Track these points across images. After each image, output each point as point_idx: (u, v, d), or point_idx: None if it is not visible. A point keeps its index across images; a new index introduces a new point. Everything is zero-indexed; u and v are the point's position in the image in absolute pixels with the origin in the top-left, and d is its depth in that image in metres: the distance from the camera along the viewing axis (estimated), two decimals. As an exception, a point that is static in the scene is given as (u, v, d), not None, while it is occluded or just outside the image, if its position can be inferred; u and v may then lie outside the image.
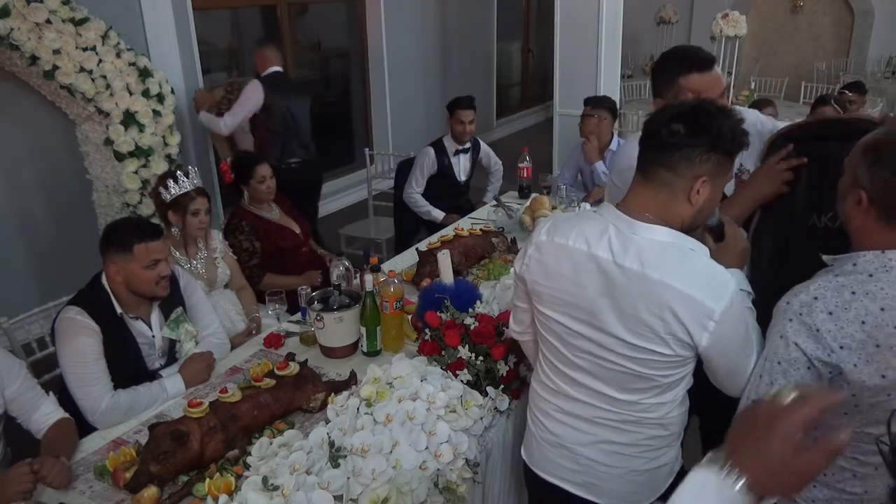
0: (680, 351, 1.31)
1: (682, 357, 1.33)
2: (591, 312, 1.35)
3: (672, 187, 1.29)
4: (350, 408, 1.69)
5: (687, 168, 1.27)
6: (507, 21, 8.78)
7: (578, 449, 1.50)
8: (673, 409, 1.44)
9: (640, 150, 1.35)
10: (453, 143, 3.95)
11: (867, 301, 1.15)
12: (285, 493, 1.44)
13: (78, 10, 3.35)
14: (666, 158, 1.28)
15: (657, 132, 1.29)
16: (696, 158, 1.26)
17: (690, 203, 1.30)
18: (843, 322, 1.15)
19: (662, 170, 1.29)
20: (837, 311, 1.16)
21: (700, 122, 1.26)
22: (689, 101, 1.32)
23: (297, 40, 6.03)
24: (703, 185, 1.28)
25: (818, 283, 1.21)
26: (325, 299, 2.19)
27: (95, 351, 1.93)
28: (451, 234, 2.91)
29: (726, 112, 1.29)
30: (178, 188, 2.51)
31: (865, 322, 1.15)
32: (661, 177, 1.30)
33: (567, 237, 1.38)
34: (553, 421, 1.53)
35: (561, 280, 1.38)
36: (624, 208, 1.35)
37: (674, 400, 1.43)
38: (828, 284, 1.19)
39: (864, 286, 1.16)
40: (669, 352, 1.31)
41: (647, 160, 1.32)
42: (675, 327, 1.27)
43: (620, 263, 1.30)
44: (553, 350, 1.49)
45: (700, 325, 1.26)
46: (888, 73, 7.90)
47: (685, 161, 1.27)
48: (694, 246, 1.32)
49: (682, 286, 1.25)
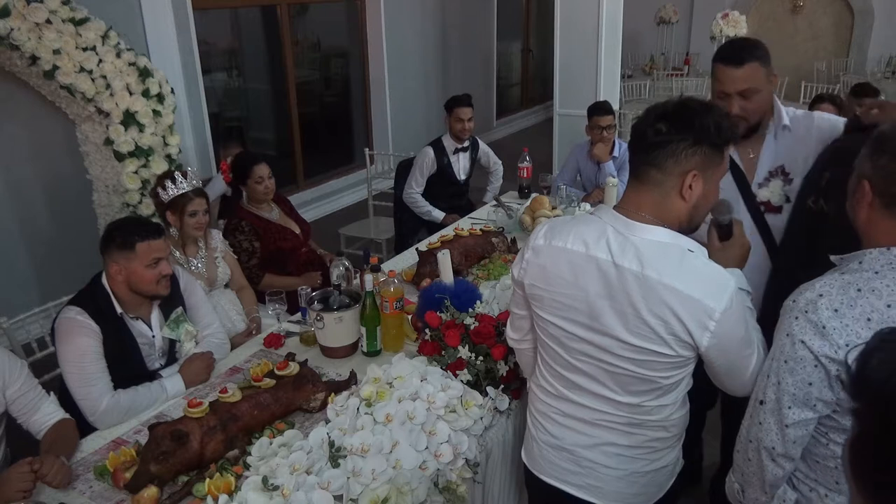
0: (681, 351, 1.31)
1: (684, 357, 1.33)
2: (591, 315, 1.35)
3: (663, 185, 1.30)
4: (350, 408, 1.69)
5: (674, 164, 1.28)
6: (507, 21, 8.78)
7: (580, 451, 1.50)
8: (675, 412, 1.44)
9: (630, 153, 1.37)
10: (452, 142, 3.95)
11: (873, 298, 1.15)
12: (285, 493, 1.44)
13: (78, 10, 3.34)
14: (653, 158, 1.29)
15: (643, 133, 1.30)
16: (681, 154, 1.27)
17: (684, 199, 1.31)
18: (848, 319, 1.15)
19: (652, 169, 1.30)
20: (843, 309, 1.16)
21: (682, 118, 1.27)
22: (672, 99, 1.33)
23: (297, 40, 6.03)
24: (694, 180, 1.29)
25: (824, 280, 1.21)
26: (325, 299, 2.18)
27: (95, 351, 1.93)
28: (451, 234, 2.91)
29: (709, 107, 1.30)
30: (175, 189, 2.51)
31: (871, 319, 1.14)
32: (652, 176, 1.31)
33: (565, 240, 1.38)
34: (554, 424, 1.53)
35: (560, 283, 1.38)
36: (621, 210, 1.35)
37: (675, 402, 1.43)
38: (833, 282, 1.19)
39: (869, 283, 1.16)
40: (671, 352, 1.31)
41: (637, 162, 1.34)
42: (676, 327, 1.28)
43: (619, 264, 1.30)
44: (553, 354, 1.48)
45: (700, 325, 1.26)
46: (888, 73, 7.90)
47: (671, 158, 1.28)
48: (692, 246, 1.32)
49: (682, 286, 1.25)
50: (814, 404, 1.20)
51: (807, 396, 1.20)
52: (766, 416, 1.25)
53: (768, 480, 1.29)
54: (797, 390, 1.20)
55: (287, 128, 5.98)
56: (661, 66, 8.94)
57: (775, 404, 1.23)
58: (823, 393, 1.19)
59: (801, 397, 1.20)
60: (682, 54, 9.30)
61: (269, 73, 5.98)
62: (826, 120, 1.87)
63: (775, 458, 1.26)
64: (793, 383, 1.20)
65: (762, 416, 1.26)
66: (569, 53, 5.80)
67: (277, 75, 5.87)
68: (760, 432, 1.26)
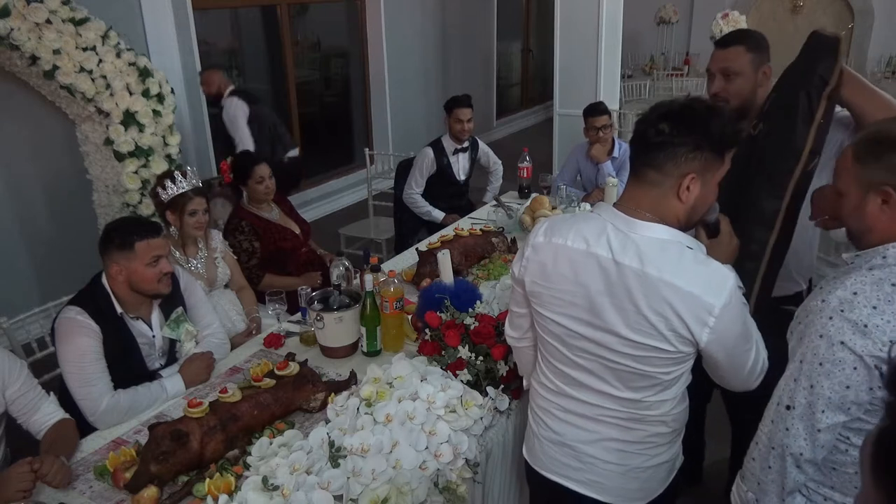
0: (681, 347, 1.31)
1: (684, 353, 1.33)
2: (592, 311, 1.36)
3: (661, 186, 1.30)
4: (350, 408, 1.69)
5: (673, 167, 1.28)
6: (507, 21, 8.78)
7: (581, 447, 1.50)
8: (675, 407, 1.45)
9: (631, 151, 1.36)
10: (452, 142, 3.95)
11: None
12: (285, 493, 1.44)
13: (78, 10, 3.35)
14: (652, 158, 1.29)
15: (644, 132, 1.29)
16: (681, 157, 1.27)
17: (681, 201, 1.30)
18: (888, 315, 1.13)
19: (651, 170, 1.30)
20: (881, 305, 1.14)
21: (686, 121, 1.26)
22: (678, 99, 1.33)
23: (297, 40, 6.03)
24: (692, 183, 1.28)
25: (852, 278, 1.19)
26: (325, 299, 2.18)
27: (95, 351, 1.93)
28: (451, 234, 2.91)
29: (715, 111, 1.29)
30: (175, 188, 2.51)
31: None
32: (650, 176, 1.31)
33: (565, 237, 1.38)
34: (555, 420, 1.54)
35: (560, 280, 1.39)
36: (621, 207, 1.36)
37: (675, 397, 1.44)
38: (864, 279, 1.17)
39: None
40: (671, 348, 1.31)
41: (637, 161, 1.33)
42: (676, 324, 1.28)
43: (620, 261, 1.30)
44: (553, 351, 1.49)
45: (700, 321, 1.27)
46: (888, 73, 7.90)
47: (671, 160, 1.27)
48: (691, 244, 1.32)
49: (682, 283, 1.26)
50: (848, 407, 1.18)
51: (843, 400, 1.17)
52: (795, 421, 1.22)
53: (788, 488, 1.27)
54: (833, 394, 1.18)
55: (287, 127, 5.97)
56: (661, 66, 8.94)
57: (807, 409, 1.21)
58: (860, 396, 1.17)
59: (836, 401, 1.18)
60: (682, 54, 9.30)
61: (269, 72, 5.98)
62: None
63: (801, 464, 1.24)
64: (829, 387, 1.18)
65: (790, 421, 1.23)
66: (569, 53, 5.80)
67: (277, 75, 5.87)
68: (787, 438, 1.24)
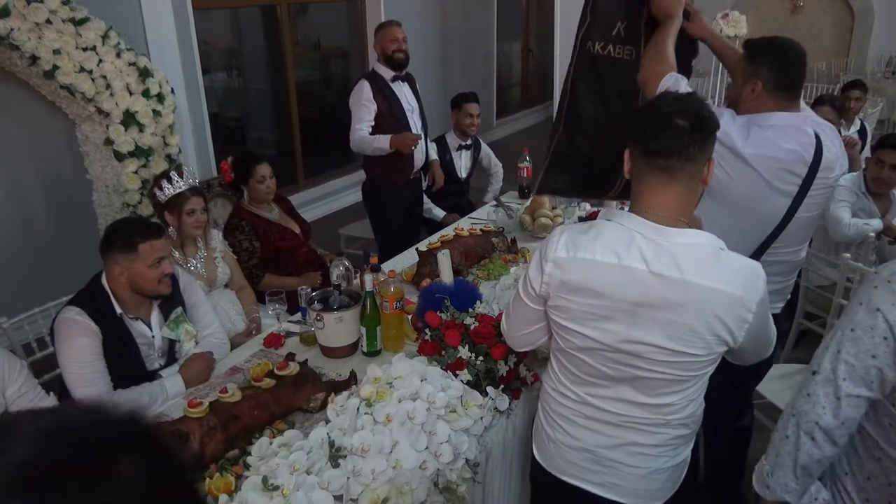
0: (717, 349, 1.34)
1: (717, 354, 1.36)
2: (629, 324, 1.32)
3: (694, 177, 1.33)
4: (350, 408, 1.69)
5: (701, 153, 1.31)
6: (507, 21, 8.77)
7: (602, 451, 1.48)
8: (698, 409, 1.47)
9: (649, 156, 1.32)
10: (456, 138, 3.99)
11: None
12: (285, 493, 1.44)
13: (78, 10, 3.34)
14: (684, 151, 1.29)
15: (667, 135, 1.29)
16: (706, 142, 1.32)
17: (706, 184, 1.37)
18: None
19: (688, 164, 1.30)
20: None
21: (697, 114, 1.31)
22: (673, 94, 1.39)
23: (297, 40, 6.03)
24: (710, 164, 1.35)
25: None
26: (325, 299, 2.18)
27: (95, 351, 1.93)
28: (451, 234, 2.91)
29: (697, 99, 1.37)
30: (172, 188, 2.50)
31: None
32: (687, 170, 1.31)
33: (592, 252, 1.33)
34: (574, 426, 1.50)
35: (592, 296, 1.34)
36: (646, 214, 1.33)
37: (697, 398, 1.46)
38: None
39: None
40: (707, 352, 1.33)
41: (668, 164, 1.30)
42: (718, 328, 1.29)
43: (657, 272, 1.28)
44: (578, 363, 1.44)
45: (741, 320, 1.30)
46: (888, 73, 7.90)
47: (699, 149, 1.30)
48: (721, 244, 1.33)
49: (724, 286, 1.27)
50: (871, 381, 1.14)
51: (866, 370, 1.14)
52: (817, 387, 1.20)
53: (801, 461, 1.24)
54: (857, 361, 1.15)
55: (287, 128, 5.98)
56: (661, 66, 8.92)
57: (830, 373, 1.18)
58: (886, 371, 1.13)
59: (859, 370, 1.15)
60: (681, 54, 9.29)
61: (269, 72, 5.98)
62: None
63: (815, 434, 1.20)
64: (854, 353, 1.15)
65: (812, 387, 1.21)
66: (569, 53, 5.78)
67: (277, 75, 5.87)
68: (807, 404, 1.21)
